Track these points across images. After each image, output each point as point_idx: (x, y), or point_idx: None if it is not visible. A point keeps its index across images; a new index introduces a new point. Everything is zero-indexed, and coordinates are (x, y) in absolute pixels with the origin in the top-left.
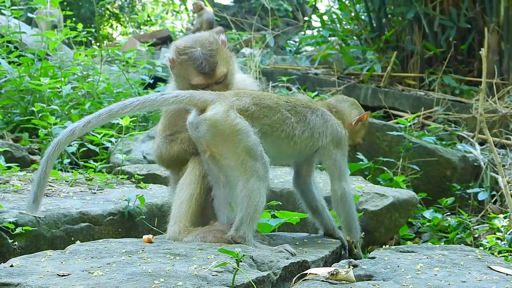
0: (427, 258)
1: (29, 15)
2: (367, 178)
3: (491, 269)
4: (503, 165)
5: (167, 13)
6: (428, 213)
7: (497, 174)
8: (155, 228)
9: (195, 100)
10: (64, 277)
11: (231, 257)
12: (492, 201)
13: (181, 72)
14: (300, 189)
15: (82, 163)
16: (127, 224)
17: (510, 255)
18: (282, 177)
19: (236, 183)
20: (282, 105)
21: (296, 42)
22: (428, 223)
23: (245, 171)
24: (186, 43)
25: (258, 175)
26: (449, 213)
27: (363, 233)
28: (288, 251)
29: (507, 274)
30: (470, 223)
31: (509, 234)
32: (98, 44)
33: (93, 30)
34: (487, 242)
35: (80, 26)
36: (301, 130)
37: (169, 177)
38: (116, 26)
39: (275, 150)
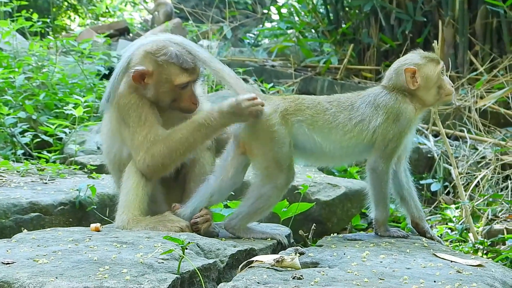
0: (374, 246)
1: None
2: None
3: (436, 256)
4: (456, 157)
5: (125, 4)
6: None
7: (450, 165)
8: (106, 218)
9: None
10: (8, 265)
11: (177, 245)
12: (445, 192)
13: (162, 77)
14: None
15: (35, 154)
16: (78, 214)
17: (461, 244)
18: None
19: (253, 181)
20: (323, 99)
21: (254, 34)
22: None
23: (266, 176)
24: (156, 46)
25: (276, 184)
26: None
27: (314, 224)
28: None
29: (451, 261)
30: None
31: (461, 224)
32: (56, 35)
33: (49, 20)
34: (437, 231)
35: (35, 16)
36: (347, 118)
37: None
38: (74, 18)
39: (329, 143)
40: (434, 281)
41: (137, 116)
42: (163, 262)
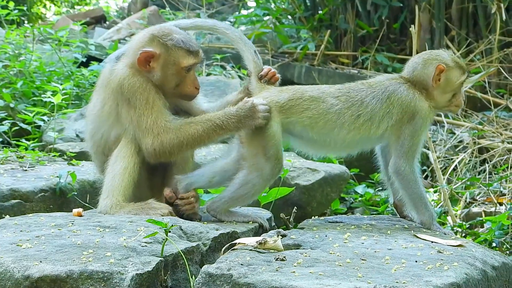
0: (355, 227)
1: None
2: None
3: (417, 237)
4: (434, 141)
5: None
6: (360, 188)
7: (428, 149)
8: (87, 204)
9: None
10: None
11: (160, 228)
12: (423, 176)
13: (169, 59)
14: (384, 155)
15: (14, 142)
16: (58, 200)
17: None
18: (216, 154)
19: (242, 167)
20: (330, 93)
21: (231, 21)
22: (360, 198)
23: (253, 164)
24: (162, 32)
25: (262, 173)
26: (381, 188)
27: (295, 207)
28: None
29: (432, 242)
30: None
31: (439, 207)
32: (31, 24)
33: (25, 9)
34: None
35: (11, 4)
36: (354, 115)
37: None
38: (50, 6)
39: (330, 140)
40: (416, 261)
41: (144, 99)
42: (146, 246)
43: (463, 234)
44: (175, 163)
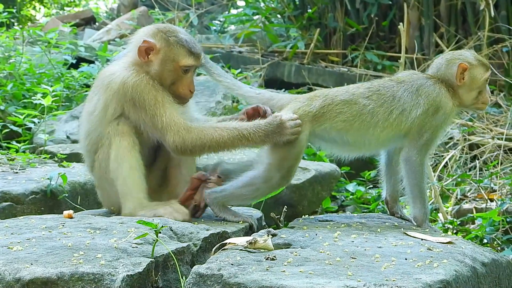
0: (345, 226)
1: None
2: None
3: (407, 235)
4: None
5: None
6: (351, 186)
7: None
8: (78, 206)
9: (274, 101)
10: None
11: (150, 229)
12: None
13: (169, 55)
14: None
15: (4, 144)
16: (49, 202)
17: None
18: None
19: (253, 168)
20: (361, 94)
21: (220, 21)
22: (351, 196)
23: (265, 170)
24: (167, 28)
25: (271, 181)
26: (372, 186)
27: (286, 206)
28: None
29: (422, 239)
30: None
31: (430, 204)
32: (20, 26)
33: (14, 11)
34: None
35: (0, 7)
36: (387, 111)
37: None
38: (39, 8)
39: (365, 140)
40: (405, 259)
41: (153, 98)
42: (137, 247)
43: (454, 231)
44: (171, 162)
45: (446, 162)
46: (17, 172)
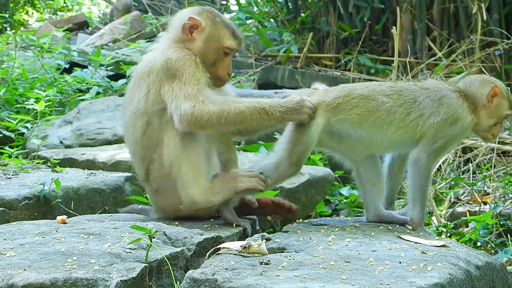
0: (340, 230)
1: None
2: None
3: (401, 238)
4: None
5: None
6: (345, 190)
7: None
8: (71, 211)
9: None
10: None
11: (144, 234)
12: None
13: (214, 34)
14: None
15: None
16: (43, 208)
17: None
18: None
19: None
20: (382, 91)
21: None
22: (345, 200)
23: (276, 156)
24: (212, 10)
25: (280, 170)
26: None
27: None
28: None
29: (416, 243)
30: None
31: None
32: (13, 31)
33: (7, 16)
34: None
35: None
36: (405, 112)
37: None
38: (32, 13)
39: (378, 137)
40: (400, 262)
41: (192, 73)
42: (131, 252)
43: (448, 234)
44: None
45: (440, 166)
46: (10, 178)
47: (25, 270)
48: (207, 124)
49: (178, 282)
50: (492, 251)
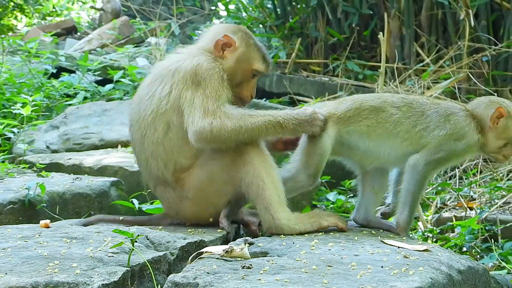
0: (323, 234)
1: None
2: None
3: (384, 243)
4: None
5: (72, 3)
6: (331, 196)
7: None
8: (56, 216)
9: None
10: None
11: (126, 238)
12: None
13: (245, 54)
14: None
15: None
16: (28, 212)
17: (411, 233)
18: None
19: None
20: (392, 102)
21: (202, 31)
22: (332, 205)
23: (293, 168)
24: (246, 30)
25: (298, 180)
26: (352, 195)
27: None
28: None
29: (398, 247)
30: None
31: None
32: (1, 35)
33: None
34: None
35: None
36: (412, 124)
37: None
38: (21, 18)
39: (384, 150)
40: (382, 267)
41: (216, 87)
42: (113, 256)
43: (434, 239)
44: None
45: None
46: None
47: (6, 274)
48: (226, 141)
49: (160, 286)
50: (478, 256)
